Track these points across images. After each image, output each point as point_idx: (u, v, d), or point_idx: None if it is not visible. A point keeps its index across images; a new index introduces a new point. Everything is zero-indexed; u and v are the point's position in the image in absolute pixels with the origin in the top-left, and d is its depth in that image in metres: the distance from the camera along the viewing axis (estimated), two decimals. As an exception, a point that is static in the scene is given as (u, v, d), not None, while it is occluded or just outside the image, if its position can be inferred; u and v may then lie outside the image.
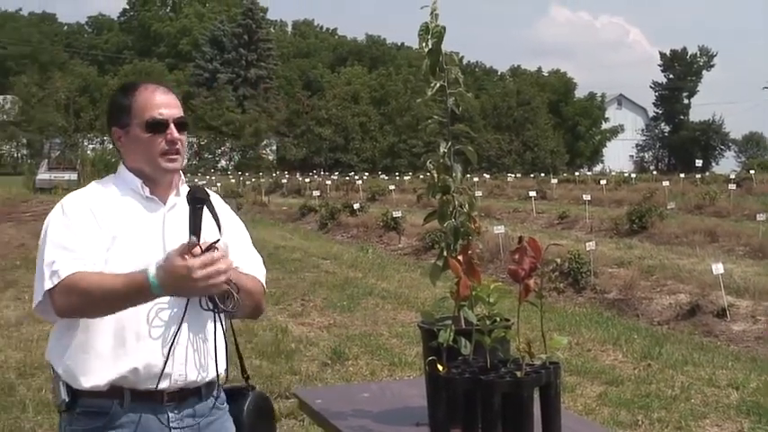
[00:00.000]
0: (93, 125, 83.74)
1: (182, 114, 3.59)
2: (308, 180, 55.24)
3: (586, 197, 27.28)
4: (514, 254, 3.13)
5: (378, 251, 22.37)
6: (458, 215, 3.61)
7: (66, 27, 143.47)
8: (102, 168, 41.95)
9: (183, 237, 3.31)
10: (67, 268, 3.28)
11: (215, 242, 3.31)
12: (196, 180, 55.19)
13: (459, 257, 3.39)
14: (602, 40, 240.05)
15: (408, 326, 12.37)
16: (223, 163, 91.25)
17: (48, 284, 3.30)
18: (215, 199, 3.73)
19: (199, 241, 3.30)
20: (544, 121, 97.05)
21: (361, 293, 15.26)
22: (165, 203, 3.56)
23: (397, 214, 23.87)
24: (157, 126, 3.49)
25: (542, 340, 3.22)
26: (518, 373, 3.08)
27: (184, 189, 3.60)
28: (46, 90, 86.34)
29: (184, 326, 3.41)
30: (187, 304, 3.38)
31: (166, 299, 3.35)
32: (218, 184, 46.43)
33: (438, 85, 3.60)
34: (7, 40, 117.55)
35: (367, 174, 69.08)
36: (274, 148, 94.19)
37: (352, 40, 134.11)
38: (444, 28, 3.55)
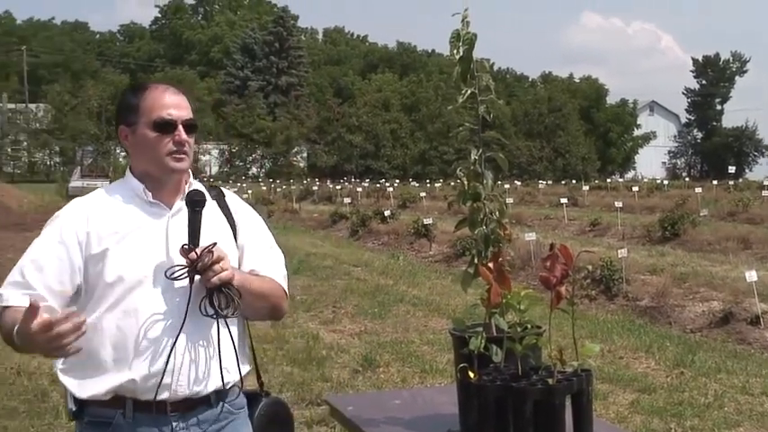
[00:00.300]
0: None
1: (191, 116, 3.52)
2: (338, 187, 55.29)
3: (618, 204, 27.19)
4: (546, 261, 3.13)
5: (409, 258, 22.36)
6: (488, 222, 3.61)
7: (98, 36, 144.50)
8: (134, 176, 42.01)
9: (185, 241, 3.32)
10: (12, 298, 3.31)
11: (211, 245, 3.26)
12: (227, 187, 55.38)
13: (490, 265, 3.39)
14: (635, 46, 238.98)
15: (439, 333, 12.36)
16: (254, 170, 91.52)
17: None
18: (231, 198, 3.71)
19: (197, 246, 3.29)
20: (575, 128, 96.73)
21: (392, 300, 15.26)
22: (170, 208, 3.48)
23: (427, 221, 23.82)
24: (165, 126, 3.42)
25: (574, 347, 3.21)
26: (550, 381, 3.07)
27: None
28: (78, 98, 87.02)
29: (182, 335, 3.33)
30: (186, 311, 3.31)
31: (163, 306, 3.33)
32: (249, 192, 46.57)
33: (469, 92, 3.59)
34: (40, 49, 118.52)
35: (398, 181, 69.14)
36: (305, 155, 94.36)
37: (383, 47, 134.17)
38: (475, 35, 3.55)
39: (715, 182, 44.41)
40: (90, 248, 3.35)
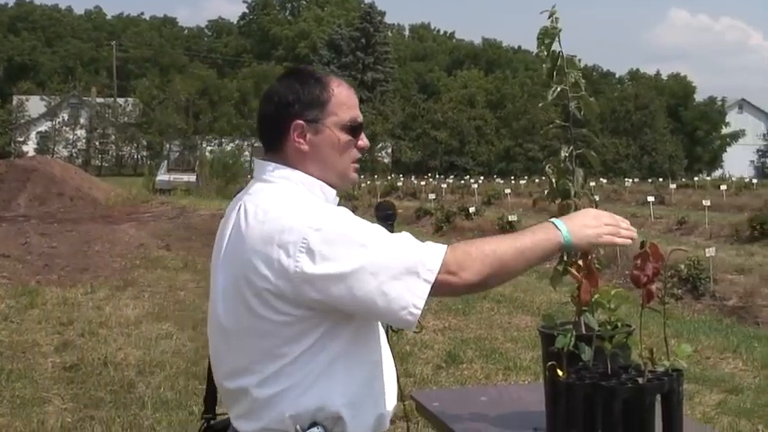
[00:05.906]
0: (211, 127, 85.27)
1: None
2: (423, 183, 55.39)
3: (706, 203, 26.83)
4: (637, 259, 3.10)
5: (493, 255, 22.24)
6: (578, 219, 3.57)
7: (186, 31, 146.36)
8: (219, 170, 42.29)
9: None
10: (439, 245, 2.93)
11: None
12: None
13: (580, 262, 3.36)
14: (723, 43, 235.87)
15: (524, 330, 12.30)
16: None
17: (435, 264, 2.95)
18: None
19: None
20: (662, 126, 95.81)
21: (476, 297, 15.15)
22: None
23: (512, 218, 23.73)
24: (356, 130, 3.06)
25: (664, 347, 3.17)
26: (640, 380, 3.04)
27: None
28: (166, 93, 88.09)
29: (387, 353, 3.22)
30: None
31: (377, 325, 3.14)
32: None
33: (559, 89, 3.57)
34: (129, 44, 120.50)
35: (482, 177, 69.11)
36: (390, 150, 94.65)
37: (469, 44, 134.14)
38: (559, 30, 3.52)
39: (806, 181, 43.71)
40: None
